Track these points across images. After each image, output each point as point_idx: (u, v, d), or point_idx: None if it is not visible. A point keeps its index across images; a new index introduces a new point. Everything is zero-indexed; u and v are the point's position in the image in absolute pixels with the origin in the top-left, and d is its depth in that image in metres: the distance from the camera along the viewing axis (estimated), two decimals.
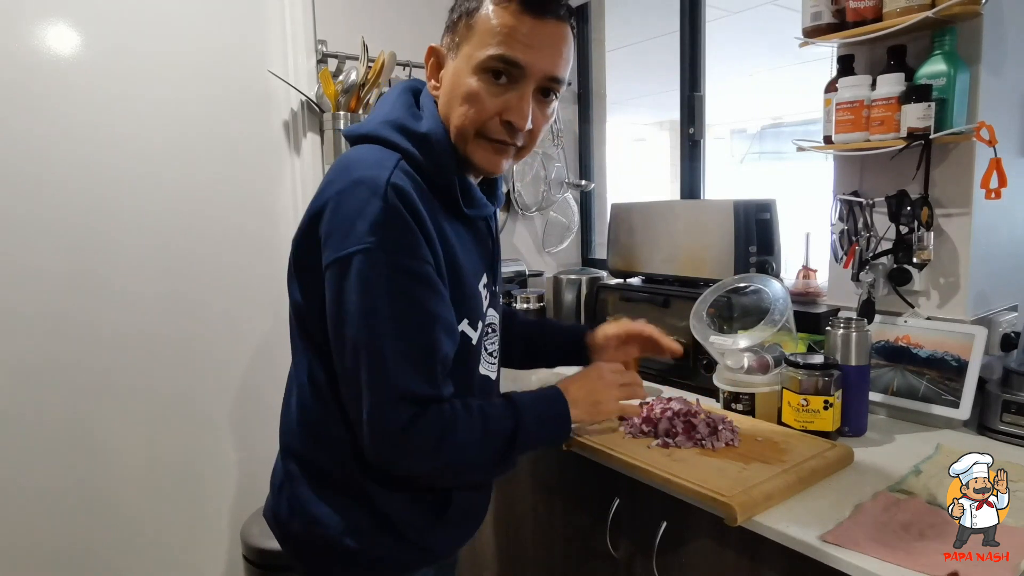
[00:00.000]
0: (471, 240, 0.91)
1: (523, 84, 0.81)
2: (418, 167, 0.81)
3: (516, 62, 0.79)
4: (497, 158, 0.85)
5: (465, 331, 0.87)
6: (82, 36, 1.58)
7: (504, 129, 0.83)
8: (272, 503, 0.94)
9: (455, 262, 0.84)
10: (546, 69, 0.81)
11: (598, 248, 2.48)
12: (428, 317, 0.77)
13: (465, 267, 0.86)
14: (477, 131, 0.83)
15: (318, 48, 1.85)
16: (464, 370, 0.90)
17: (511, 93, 0.81)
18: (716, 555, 1.05)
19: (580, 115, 2.44)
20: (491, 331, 0.97)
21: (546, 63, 0.81)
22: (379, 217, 0.74)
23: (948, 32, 1.22)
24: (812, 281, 1.68)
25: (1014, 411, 1.19)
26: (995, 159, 1.19)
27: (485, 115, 0.82)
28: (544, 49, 0.80)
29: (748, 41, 3.51)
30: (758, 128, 5.85)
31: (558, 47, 0.81)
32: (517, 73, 0.80)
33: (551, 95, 0.85)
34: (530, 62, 0.80)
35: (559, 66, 0.82)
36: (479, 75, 0.80)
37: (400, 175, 0.78)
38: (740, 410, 1.30)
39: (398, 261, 0.75)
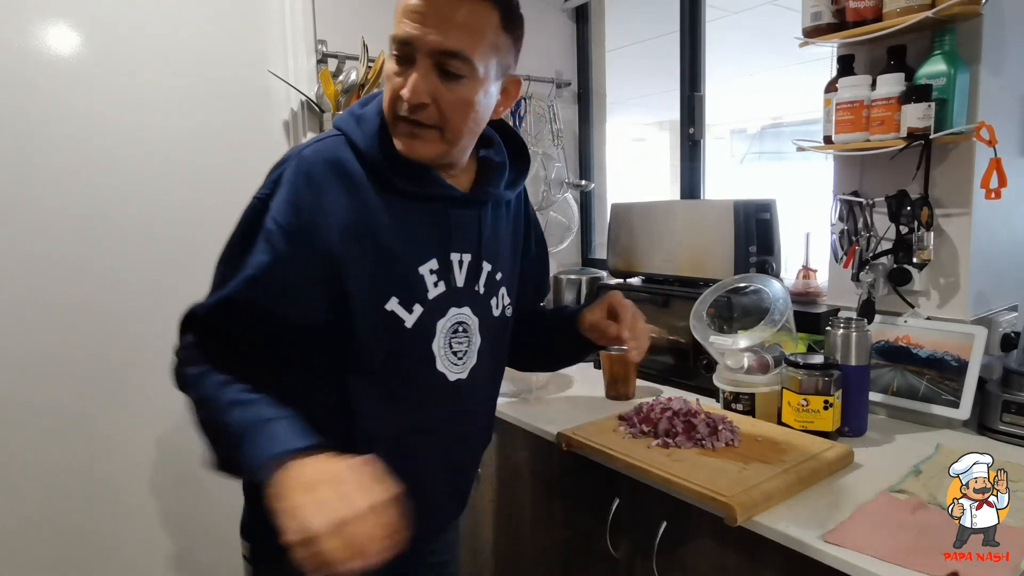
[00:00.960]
0: (414, 220, 0.87)
1: (418, 61, 0.80)
2: (352, 144, 0.85)
3: (404, 39, 0.80)
4: (409, 141, 0.84)
5: (394, 311, 0.86)
6: (82, 36, 1.58)
7: (403, 106, 0.81)
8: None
9: (374, 234, 0.84)
10: (433, 42, 0.79)
11: (598, 248, 2.48)
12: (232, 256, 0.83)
13: (391, 242, 0.85)
14: (391, 112, 0.84)
15: (318, 48, 1.85)
16: (401, 357, 0.88)
17: (409, 71, 0.81)
18: (716, 555, 1.05)
19: (580, 115, 2.43)
20: (460, 330, 0.92)
21: (433, 36, 0.78)
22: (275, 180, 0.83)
23: (948, 32, 1.22)
24: (812, 281, 1.68)
25: (1014, 411, 1.19)
26: (995, 159, 1.19)
27: (391, 96, 0.83)
28: (431, 22, 0.78)
29: (748, 41, 3.51)
30: (758, 128, 5.84)
31: (448, 18, 0.79)
32: (409, 51, 0.80)
33: (453, 72, 0.80)
34: (415, 37, 0.79)
35: (447, 38, 0.79)
36: (391, 58, 0.83)
37: (316, 148, 0.84)
38: (740, 410, 1.31)
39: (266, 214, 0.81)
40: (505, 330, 1.02)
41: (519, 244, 1.06)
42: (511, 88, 0.91)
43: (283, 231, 0.80)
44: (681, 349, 1.59)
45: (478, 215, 0.94)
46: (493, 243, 0.97)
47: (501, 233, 0.99)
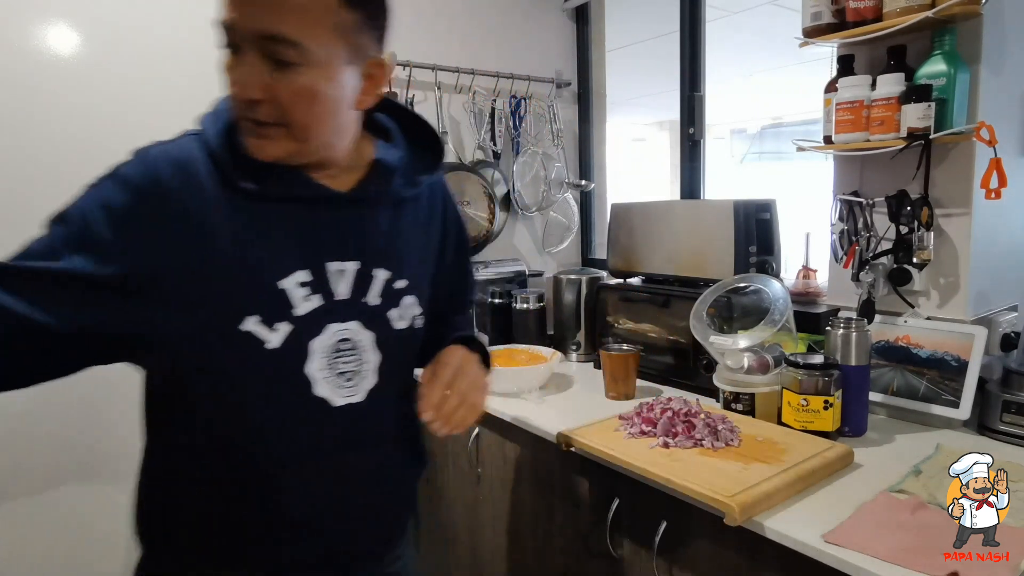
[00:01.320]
0: (275, 226, 0.76)
1: (241, 49, 0.70)
2: (207, 143, 0.76)
3: (225, 24, 0.70)
4: (253, 140, 0.74)
5: (252, 331, 0.74)
6: (82, 36, 1.58)
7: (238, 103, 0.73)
8: None
9: (223, 244, 0.73)
10: (252, 27, 0.68)
11: (598, 248, 2.48)
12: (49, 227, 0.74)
13: (244, 253, 0.74)
14: (235, 113, 0.75)
15: None
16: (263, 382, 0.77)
17: (236, 62, 0.71)
18: (716, 555, 1.05)
19: (580, 115, 2.44)
20: (346, 348, 0.81)
21: (251, 20, 0.68)
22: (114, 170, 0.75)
23: (948, 32, 1.22)
24: (812, 281, 1.68)
25: (1014, 411, 1.19)
26: (995, 159, 1.19)
27: (228, 90, 0.73)
28: (249, 4, 0.68)
29: (748, 41, 3.51)
30: (758, 128, 5.85)
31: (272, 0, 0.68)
32: (231, 37, 0.70)
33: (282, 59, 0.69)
34: (236, 20, 0.69)
35: (270, 21, 0.68)
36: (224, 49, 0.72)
37: (167, 147, 0.76)
38: (740, 410, 1.31)
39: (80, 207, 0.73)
40: (414, 345, 0.91)
41: (433, 246, 0.95)
42: (376, 72, 0.79)
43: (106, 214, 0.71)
44: (681, 349, 1.59)
45: (367, 216, 0.83)
46: (391, 247, 0.85)
47: (405, 235, 0.88)
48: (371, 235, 0.83)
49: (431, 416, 0.84)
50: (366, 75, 0.78)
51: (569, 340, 1.91)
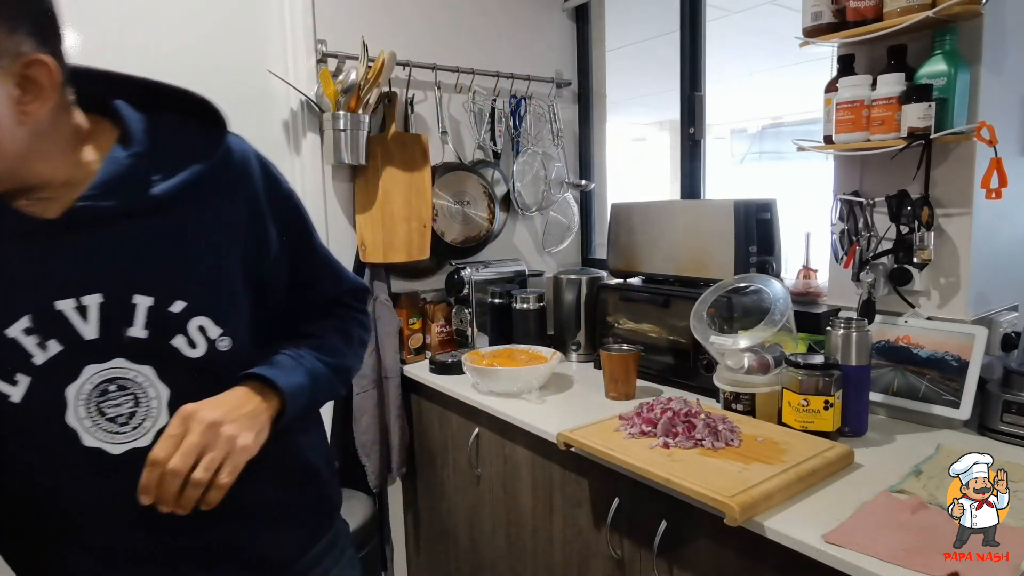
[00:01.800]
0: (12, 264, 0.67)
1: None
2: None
3: None
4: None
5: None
6: (82, 35, 1.58)
7: None
8: None
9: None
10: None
11: (598, 248, 2.48)
12: None
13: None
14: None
15: (318, 48, 1.85)
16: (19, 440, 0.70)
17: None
18: (716, 555, 1.05)
19: (580, 115, 2.43)
20: (116, 388, 0.71)
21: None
22: None
23: (949, 32, 1.22)
24: (812, 281, 1.68)
25: (1014, 411, 1.19)
26: (995, 159, 1.19)
27: None
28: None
29: (748, 41, 3.51)
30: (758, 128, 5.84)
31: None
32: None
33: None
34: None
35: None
36: None
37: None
38: (740, 410, 1.30)
39: None
40: (226, 368, 0.76)
41: (238, 241, 0.78)
42: (35, 73, 0.63)
43: None
44: (681, 349, 1.59)
45: (104, 238, 0.70)
46: (152, 265, 0.72)
47: (171, 248, 0.73)
48: (111, 259, 0.70)
49: (147, 501, 0.67)
50: (20, 81, 0.62)
51: (569, 340, 1.91)
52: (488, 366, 1.62)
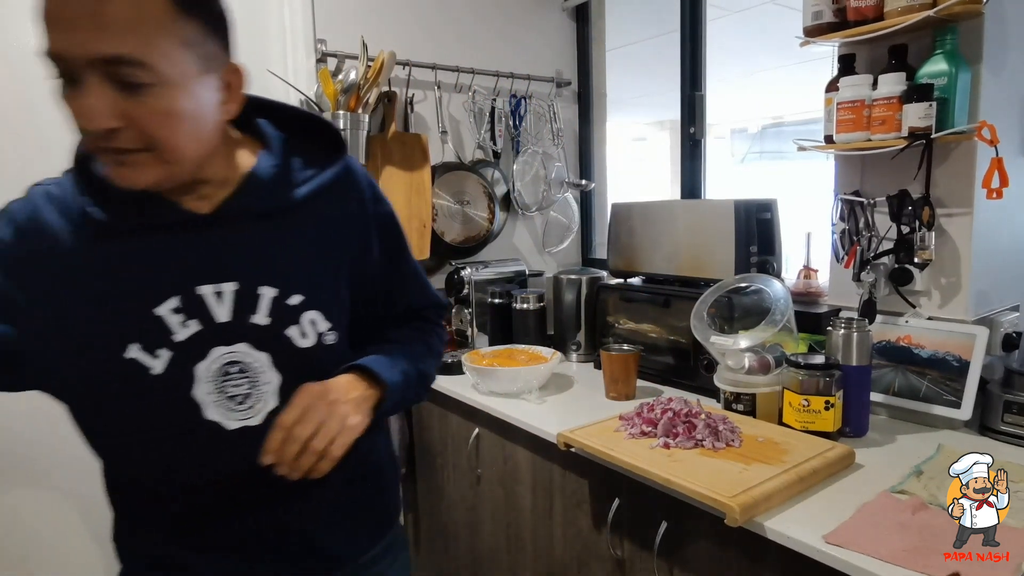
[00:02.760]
0: (143, 254, 0.76)
1: (84, 78, 0.64)
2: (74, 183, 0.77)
3: (56, 54, 0.63)
4: (121, 170, 0.70)
5: (136, 358, 0.74)
6: None
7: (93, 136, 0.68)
8: None
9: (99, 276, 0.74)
10: (89, 51, 0.62)
11: (598, 248, 2.48)
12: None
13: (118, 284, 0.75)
14: (91, 147, 0.71)
15: (317, 47, 1.85)
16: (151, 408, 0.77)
17: (76, 92, 0.65)
18: (716, 555, 1.05)
19: (580, 115, 2.43)
20: (236, 371, 0.78)
21: (86, 44, 0.62)
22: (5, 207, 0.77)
23: (949, 31, 1.22)
24: (813, 281, 1.68)
25: (1015, 411, 1.19)
26: (996, 159, 1.19)
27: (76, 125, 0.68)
28: (78, 27, 0.61)
29: (748, 41, 3.51)
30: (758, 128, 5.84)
31: (99, 18, 0.61)
32: (64, 67, 0.64)
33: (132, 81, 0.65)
34: (64, 49, 0.62)
35: (107, 42, 0.62)
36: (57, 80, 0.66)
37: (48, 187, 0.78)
38: (741, 410, 1.30)
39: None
40: (330, 360, 0.84)
41: (347, 250, 0.88)
42: (233, 80, 0.75)
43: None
44: (682, 349, 1.59)
45: (243, 234, 0.80)
46: (277, 262, 0.81)
47: (297, 247, 0.83)
48: (249, 253, 0.80)
49: (270, 460, 0.75)
50: (224, 84, 0.74)
51: (569, 340, 1.91)
52: (488, 366, 1.62)
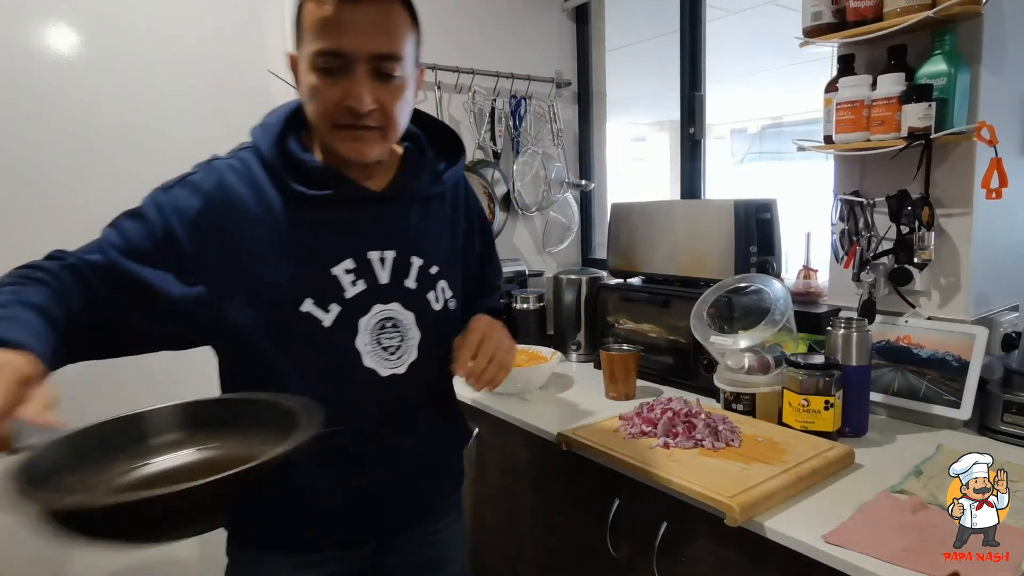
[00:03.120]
0: (323, 222, 0.89)
1: (353, 69, 0.82)
2: (259, 153, 0.89)
3: (338, 51, 0.81)
4: (356, 145, 0.87)
5: (310, 312, 0.87)
6: (81, 36, 1.58)
7: (349, 114, 0.84)
8: None
9: (282, 239, 0.87)
10: (370, 49, 0.82)
11: (598, 248, 2.48)
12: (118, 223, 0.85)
13: (299, 246, 0.87)
14: (330, 123, 0.86)
15: None
16: (321, 356, 0.89)
17: (345, 80, 0.83)
18: (716, 555, 1.05)
19: (580, 115, 2.43)
20: (389, 326, 0.93)
21: (369, 44, 0.82)
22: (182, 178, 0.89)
23: (949, 32, 1.22)
24: (813, 281, 1.68)
25: (1015, 411, 1.19)
26: (996, 159, 1.19)
27: (329, 105, 0.84)
28: (363, 31, 0.81)
29: (748, 41, 3.51)
30: (758, 128, 5.85)
31: (379, 25, 0.82)
32: (343, 61, 0.82)
33: (391, 73, 0.85)
34: (352, 47, 0.81)
35: (384, 43, 0.83)
36: (314, 71, 0.84)
37: (229, 160, 0.90)
38: (740, 410, 1.30)
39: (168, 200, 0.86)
40: (451, 324, 1.01)
41: (460, 237, 1.05)
42: (420, 78, 0.94)
43: (180, 217, 0.84)
44: (681, 349, 1.59)
45: (401, 211, 0.95)
46: (423, 238, 0.97)
47: (434, 228, 1.00)
48: (405, 227, 0.95)
49: (464, 373, 0.94)
50: (417, 81, 0.92)
51: (569, 340, 1.91)
52: None
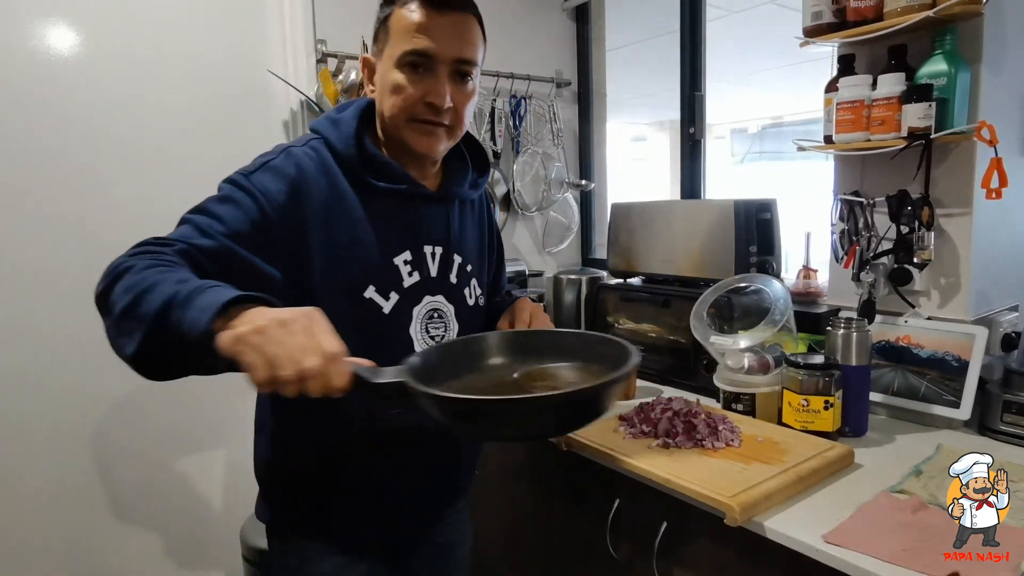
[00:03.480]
0: (388, 215, 0.96)
1: (437, 69, 0.92)
2: (329, 145, 0.94)
3: (426, 52, 0.91)
4: (428, 139, 0.95)
5: (372, 298, 0.94)
6: (81, 36, 1.58)
7: (428, 110, 0.93)
8: None
9: (352, 227, 0.92)
10: (453, 54, 0.92)
11: (598, 248, 2.48)
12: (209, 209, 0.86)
13: (366, 235, 0.93)
14: (407, 117, 0.93)
15: (318, 48, 1.85)
16: (379, 340, 0.94)
17: (428, 79, 0.92)
18: (716, 555, 1.05)
19: (580, 115, 2.44)
20: (436, 316, 1.01)
21: (452, 49, 0.91)
22: (263, 163, 0.91)
23: (949, 32, 1.22)
24: (812, 281, 1.68)
25: (1015, 411, 1.19)
26: (996, 159, 1.19)
27: (411, 100, 0.92)
28: (448, 37, 0.91)
29: (748, 41, 3.51)
30: (758, 128, 5.85)
31: (461, 34, 0.93)
32: (429, 62, 0.91)
33: (466, 76, 0.95)
34: (438, 50, 0.91)
35: (465, 49, 0.93)
36: (400, 69, 0.92)
37: (304, 148, 0.93)
38: (740, 410, 1.30)
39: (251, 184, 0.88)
40: (479, 318, 1.09)
41: (485, 241, 1.14)
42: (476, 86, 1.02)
43: (269, 200, 0.86)
44: (681, 349, 1.59)
45: (447, 212, 1.03)
46: (462, 238, 1.05)
47: (468, 229, 1.08)
48: (450, 227, 1.03)
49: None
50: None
51: None
52: None
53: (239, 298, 0.67)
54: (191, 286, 0.69)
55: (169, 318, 0.67)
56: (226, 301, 0.66)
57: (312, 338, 0.65)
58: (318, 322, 0.67)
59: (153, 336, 0.68)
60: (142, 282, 0.70)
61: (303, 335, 0.64)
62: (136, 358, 0.70)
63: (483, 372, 0.82)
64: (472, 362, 0.83)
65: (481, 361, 0.84)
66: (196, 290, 0.68)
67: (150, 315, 0.67)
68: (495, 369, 0.82)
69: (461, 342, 0.83)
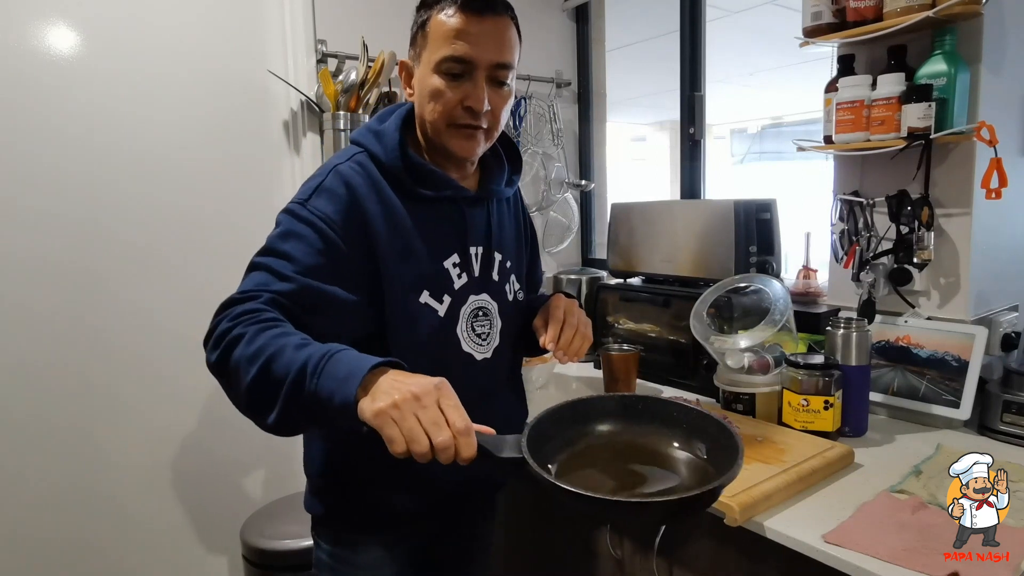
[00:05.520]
0: (436, 220, 0.98)
1: (475, 74, 0.93)
2: (374, 157, 0.96)
3: (464, 58, 0.92)
4: (468, 143, 0.96)
5: (428, 303, 0.96)
6: (81, 36, 1.58)
7: (467, 114, 0.94)
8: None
9: (404, 236, 0.94)
10: (491, 58, 0.93)
11: (598, 248, 2.48)
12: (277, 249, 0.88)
13: (418, 243, 0.95)
14: (447, 122, 0.95)
15: (318, 48, 1.85)
16: (433, 342, 0.97)
17: (467, 83, 0.93)
18: (716, 555, 1.05)
19: (580, 115, 2.43)
20: (481, 314, 1.03)
21: (490, 54, 0.92)
22: (315, 188, 0.92)
23: (948, 32, 1.22)
24: (812, 281, 1.68)
25: (1015, 411, 1.19)
26: (995, 159, 1.19)
27: (450, 106, 0.94)
28: (486, 42, 0.92)
29: (748, 41, 3.51)
30: (758, 128, 5.85)
31: (499, 38, 0.93)
32: (467, 67, 0.92)
33: (504, 79, 0.96)
34: (476, 55, 0.92)
35: (502, 54, 0.94)
36: (439, 74, 0.93)
37: (349, 164, 0.94)
38: (740, 410, 1.30)
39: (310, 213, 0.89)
40: (519, 314, 1.11)
41: (521, 236, 1.15)
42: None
43: (330, 225, 0.89)
44: (681, 349, 1.59)
45: (486, 211, 1.05)
46: (500, 235, 1.07)
47: (506, 226, 1.09)
48: (490, 225, 1.05)
49: (554, 347, 1.02)
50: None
51: None
52: None
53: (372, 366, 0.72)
54: (318, 353, 0.73)
55: (303, 389, 0.72)
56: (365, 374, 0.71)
57: (444, 412, 0.70)
58: (447, 396, 0.72)
59: (289, 407, 0.74)
60: (261, 352, 0.75)
61: (434, 409, 0.70)
62: (276, 428, 0.76)
63: (592, 438, 0.85)
64: (581, 425, 0.84)
65: (589, 426, 0.85)
66: (325, 357, 0.73)
67: (284, 389, 0.73)
68: (604, 437, 0.85)
69: (569, 407, 0.84)
